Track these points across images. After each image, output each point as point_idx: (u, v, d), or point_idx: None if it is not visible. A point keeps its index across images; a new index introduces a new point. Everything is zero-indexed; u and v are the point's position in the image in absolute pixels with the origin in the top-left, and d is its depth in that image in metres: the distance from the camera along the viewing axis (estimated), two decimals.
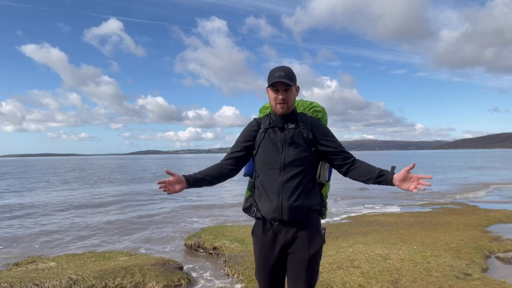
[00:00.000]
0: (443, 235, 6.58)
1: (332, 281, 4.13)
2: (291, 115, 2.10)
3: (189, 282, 4.87)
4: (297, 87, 2.11)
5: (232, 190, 18.40)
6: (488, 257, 5.46)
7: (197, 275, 5.27)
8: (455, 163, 48.47)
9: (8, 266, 5.58)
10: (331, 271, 4.45)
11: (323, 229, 2.16)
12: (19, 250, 7.14)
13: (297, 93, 2.13)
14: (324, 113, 2.31)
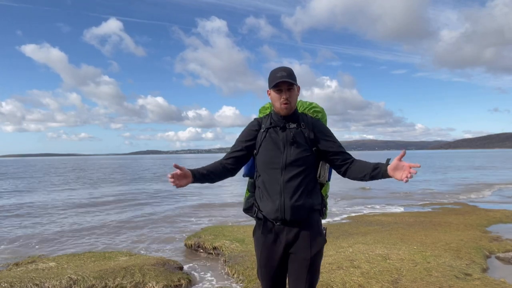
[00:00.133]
0: (443, 235, 6.58)
1: (332, 281, 4.13)
2: (293, 115, 2.10)
3: (189, 282, 4.87)
4: (298, 87, 2.12)
5: (232, 190, 18.41)
6: (488, 257, 5.46)
7: (197, 275, 5.27)
8: (456, 163, 48.47)
9: (8, 266, 5.57)
10: (331, 271, 4.45)
11: (324, 229, 2.16)
12: (19, 250, 7.14)
13: (298, 93, 2.14)
14: (324, 114, 2.33)
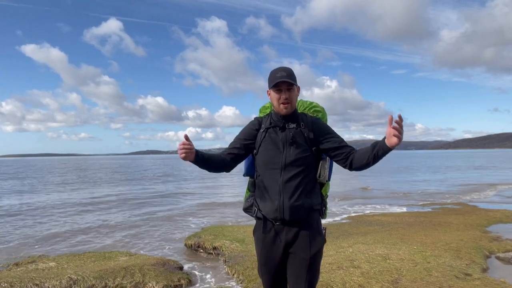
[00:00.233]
0: (443, 235, 6.58)
1: (332, 281, 4.13)
2: (292, 115, 2.11)
3: (189, 282, 4.87)
4: (298, 87, 2.12)
5: (232, 190, 18.41)
6: (488, 257, 5.46)
7: (197, 275, 5.27)
8: (456, 163, 48.47)
9: (8, 266, 5.57)
10: (331, 271, 4.44)
11: (324, 229, 2.16)
12: (19, 250, 7.13)
13: (298, 93, 2.14)
14: (324, 113, 2.32)
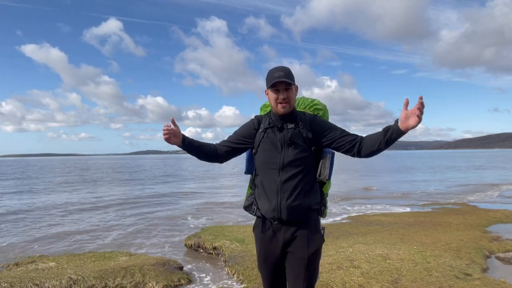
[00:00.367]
0: (443, 235, 6.58)
1: (332, 281, 4.13)
2: (291, 115, 2.10)
3: (189, 282, 4.87)
4: (296, 87, 2.11)
5: (232, 190, 18.40)
6: (488, 257, 5.46)
7: (197, 275, 5.27)
8: (456, 163, 48.44)
9: (8, 266, 5.57)
10: (331, 271, 4.44)
11: (323, 228, 2.16)
12: (19, 250, 7.14)
13: (296, 93, 2.14)
14: (326, 111, 2.30)
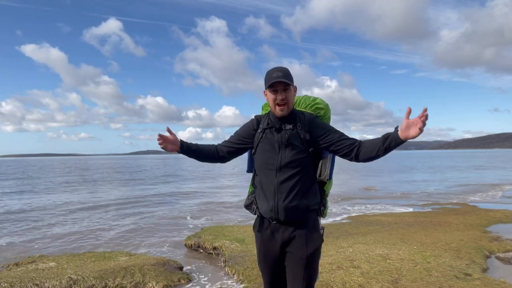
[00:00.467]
0: (443, 235, 6.58)
1: (332, 281, 4.13)
2: (289, 115, 2.08)
3: (189, 282, 4.88)
4: (295, 87, 2.10)
5: (232, 190, 18.40)
6: (488, 257, 5.46)
7: (197, 275, 5.27)
8: (456, 163, 48.42)
9: (8, 266, 5.57)
10: (331, 271, 4.44)
11: (322, 228, 2.16)
12: (19, 250, 7.14)
13: (295, 93, 2.12)
14: (327, 110, 2.26)
